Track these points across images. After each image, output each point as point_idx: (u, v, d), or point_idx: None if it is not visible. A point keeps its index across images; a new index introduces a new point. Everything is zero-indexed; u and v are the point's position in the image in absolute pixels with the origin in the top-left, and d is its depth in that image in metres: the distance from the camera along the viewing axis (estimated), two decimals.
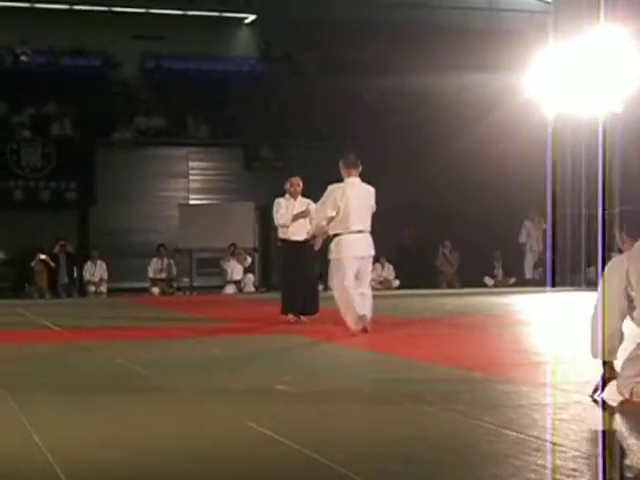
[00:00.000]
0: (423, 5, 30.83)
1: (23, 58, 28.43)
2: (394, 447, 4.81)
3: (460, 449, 4.80)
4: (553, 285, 23.00)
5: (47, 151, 24.83)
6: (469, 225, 25.14)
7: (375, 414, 5.85)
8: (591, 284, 22.63)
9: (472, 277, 24.40)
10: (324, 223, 11.22)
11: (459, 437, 5.07)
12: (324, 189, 22.59)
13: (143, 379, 7.59)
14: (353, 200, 11.42)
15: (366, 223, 11.41)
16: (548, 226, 24.29)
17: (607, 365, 6.06)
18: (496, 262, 25.37)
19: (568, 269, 23.94)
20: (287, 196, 13.19)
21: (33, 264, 22.70)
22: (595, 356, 6.06)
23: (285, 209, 12.85)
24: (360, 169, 11.65)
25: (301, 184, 13.28)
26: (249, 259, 23.68)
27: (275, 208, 12.93)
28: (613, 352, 6.01)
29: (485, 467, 4.44)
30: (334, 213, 11.17)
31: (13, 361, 9.21)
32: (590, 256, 22.87)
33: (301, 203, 13.02)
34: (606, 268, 6.01)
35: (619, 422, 5.67)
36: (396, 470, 4.30)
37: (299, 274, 12.60)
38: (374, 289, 23.82)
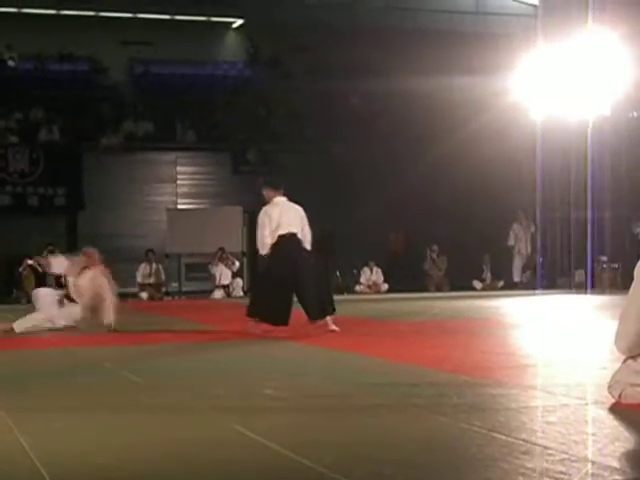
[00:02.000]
0: (410, 9, 30.89)
1: (10, 63, 28.39)
2: (383, 451, 4.80)
3: (449, 453, 4.79)
4: (542, 288, 23.07)
5: (35, 156, 24.79)
6: (457, 228, 25.19)
7: (364, 418, 5.84)
8: (579, 287, 22.73)
9: (461, 280, 24.44)
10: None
11: (448, 441, 5.07)
12: (312, 193, 22.61)
13: (131, 384, 7.58)
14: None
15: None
16: (537, 229, 24.36)
17: None
18: (485, 265, 25.41)
19: (557, 272, 24.00)
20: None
21: (21, 269, 22.64)
22: (622, 352, 6.05)
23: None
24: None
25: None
26: (237, 263, 23.69)
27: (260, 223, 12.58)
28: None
29: (474, 471, 4.43)
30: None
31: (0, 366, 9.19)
32: (579, 259, 22.94)
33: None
34: (636, 268, 5.99)
35: (607, 424, 5.67)
36: (386, 474, 4.29)
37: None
38: (363, 293, 24.07)
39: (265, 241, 12.11)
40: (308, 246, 12.35)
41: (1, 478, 4.47)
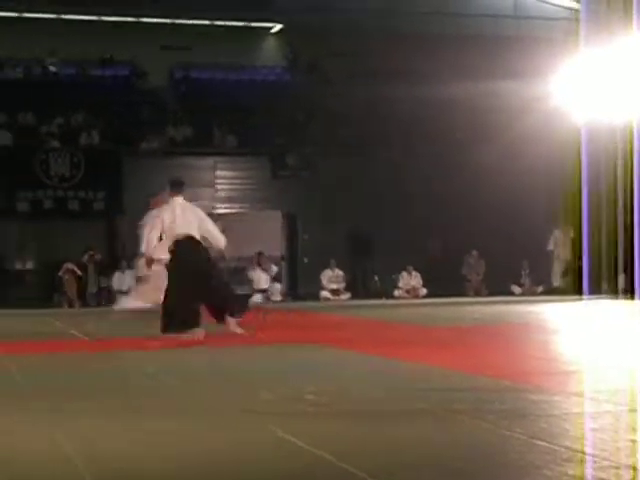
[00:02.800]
0: (450, 13, 30.80)
1: (52, 69, 28.62)
2: (423, 457, 4.78)
3: (491, 459, 4.76)
4: (586, 293, 22.88)
5: (76, 161, 24.95)
6: (496, 233, 25.07)
7: (404, 423, 5.82)
8: (625, 292, 22.52)
9: (499, 285, 24.32)
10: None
11: (489, 447, 5.03)
12: (351, 197, 22.65)
13: (171, 388, 7.60)
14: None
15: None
16: (581, 233, 24.12)
17: None
18: (523, 270, 25.28)
19: (600, 277, 23.80)
20: None
21: (61, 273, 22.81)
22: None
23: None
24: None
25: None
26: (274, 268, 23.72)
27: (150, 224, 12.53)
28: None
29: (516, 478, 4.41)
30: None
31: (42, 369, 9.25)
32: (625, 264, 22.72)
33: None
34: None
35: None
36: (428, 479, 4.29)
37: None
38: (401, 298, 24.02)
39: (150, 242, 12.09)
40: (220, 245, 12.28)
41: None
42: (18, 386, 7.70)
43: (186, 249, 11.99)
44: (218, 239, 12.28)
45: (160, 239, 12.03)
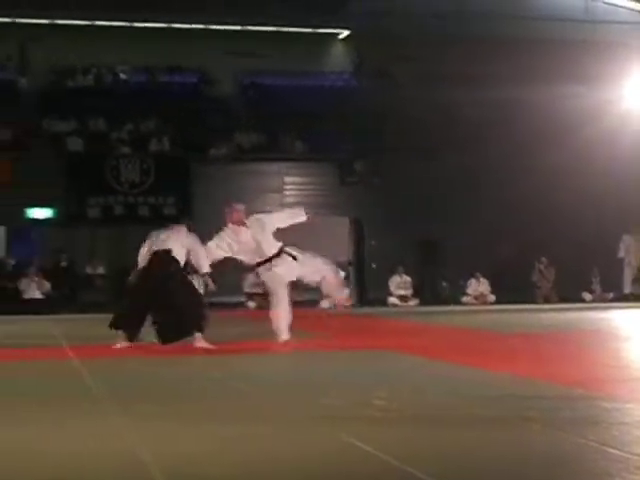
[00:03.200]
0: (521, 17, 30.59)
1: (122, 76, 28.96)
2: (495, 464, 4.74)
3: (562, 467, 4.70)
4: None
5: (145, 167, 25.20)
6: (566, 239, 24.84)
7: (474, 430, 5.78)
8: None
9: (570, 292, 24.07)
10: None
11: (561, 455, 4.98)
12: (420, 203, 22.64)
13: (240, 393, 7.63)
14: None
15: None
16: None
17: None
18: (594, 277, 25.00)
19: None
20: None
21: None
22: None
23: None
24: None
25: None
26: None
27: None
28: None
29: None
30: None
31: (113, 373, 9.34)
32: None
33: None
34: None
35: None
36: None
37: None
38: (469, 304, 23.89)
39: (139, 259, 12.40)
40: (202, 262, 12.14)
41: None
42: (90, 390, 7.79)
43: (155, 262, 12.14)
44: (201, 257, 12.20)
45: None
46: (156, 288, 11.85)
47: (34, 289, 22.49)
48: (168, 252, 12.15)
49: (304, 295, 24.84)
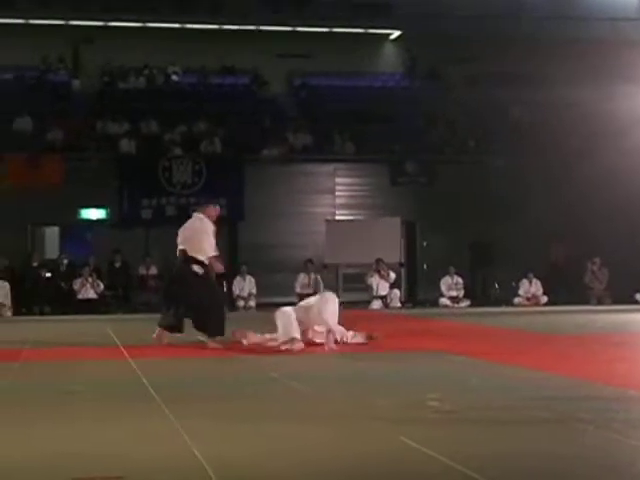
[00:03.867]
0: (572, 17, 30.40)
1: (174, 77, 29.17)
2: (553, 465, 4.75)
3: (616, 469, 4.70)
4: None
5: (197, 168, 25.32)
6: (619, 240, 24.62)
7: (530, 432, 5.79)
8: None
9: (623, 294, 23.85)
10: None
11: (615, 457, 4.97)
12: (471, 204, 22.52)
13: (295, 392, 7.68)
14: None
15: None
16: None
17: None
18: None
19: None
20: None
21: None
22: None
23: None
24: None
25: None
26: (392, 275, 23.66)
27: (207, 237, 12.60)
28: None
29: None
30: None
31: (167, 373, 9.44)
32: None
33: None
34: None
35: None
36: None
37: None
38: (522, 305, 23.76)
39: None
40: (201, 256, 12.37)
41: None
42: (146, 389, 7.87)
43: (175, 263, 12.85)
44: (203, 250, 12.48)
45: None
46: (178, 286, 12.58)
47: (88, 289, 22.69)
48: (182, 251, 12.68)
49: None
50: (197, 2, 29.96)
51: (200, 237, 12.54)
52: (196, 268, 12.37)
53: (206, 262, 12.40)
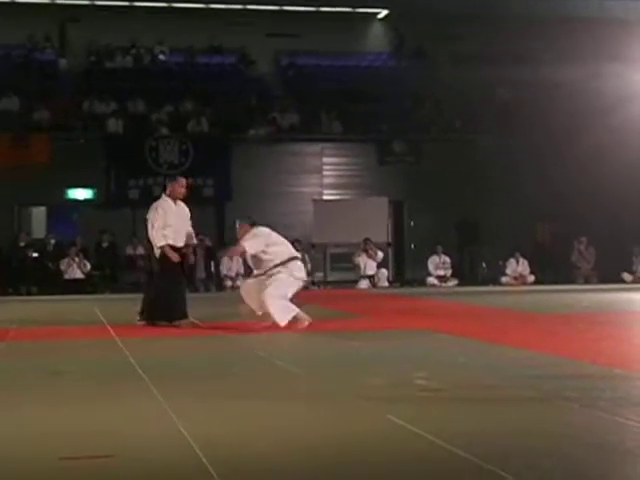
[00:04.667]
0: None
1: (161, 57, 29.06)
2: (540, 443, 4.77)
3: (606, 447, 4.73)
4: None
5: (184, 148, 25.29)
6: (605, 219, 24.69)
7: (515, 410, 5.82)
8: None
9: (610, 273, 23.93)
10: None
11: (604, 435, 4.99)
12: (458, 183, 22.50)
13: (284, 372, 7.69)
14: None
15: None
16: None
17: None
18: (635, 257, 24.81)
19: None
20: (165, 198, 12.69)
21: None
22: None
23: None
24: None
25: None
26: (380, 254, 23.69)
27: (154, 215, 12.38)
28: None
29: (631, 465, 4.38)
30: None
31: (155, 352, 9.44)
32: None
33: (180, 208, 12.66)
34: None
35: None
36: (544, 467, 4.27)
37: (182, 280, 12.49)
38: (509, 284, 23.81)
39: None
40: (156, 249, 12.28)
41: (160, 461, 4.61)
42: (134, 369, 7.88)
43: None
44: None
45: None
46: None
47: (75, 269, 22.68)
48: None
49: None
50: None
51: (150, 229, 12.39)
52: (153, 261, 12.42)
53: (157, 254, 12.24)
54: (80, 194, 25.26)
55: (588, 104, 25.14)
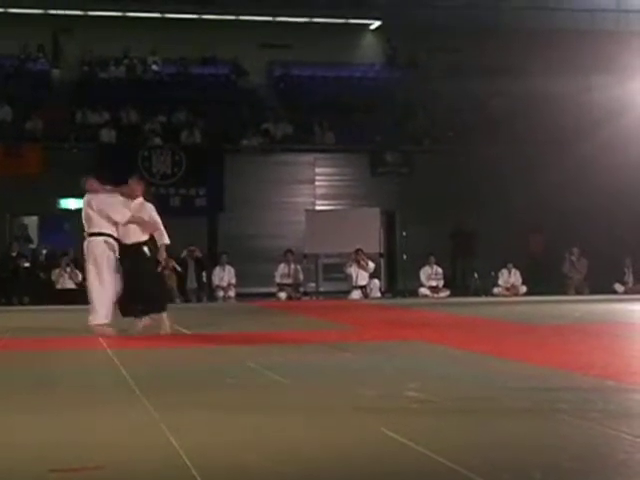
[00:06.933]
0: (551, 8, 30.48)
1: (154, 67, 29.08)
2: (529, 456, 4.75)
3: (597, 459, 4.71)
4: None
5: (177, 158, 25.29)
6: (597, 230, 24.72)
7: (508, 422, 5.80)
8: None
9: (601, 284, 23.95)
10: None
11: (596, 447, 4.98)
12: (450, 194, 22.53)
13: (275, 383, 7.67)
14: None
15: None
16: None
17: None
18: (626, 268, 24.84)
19: None
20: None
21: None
22: None
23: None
24: None
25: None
26: (371, 265, 23.70)
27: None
28: None
29: (623, 478, 4.36)
30: None
31: (146, 363, 9.41)
32: None
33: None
34: None
35: None
36: (536, 479, 4.26)
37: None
38: (501, 295, 23.81)
39: None
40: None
41: (150, 472, 4.59)
42: (125, 379, 7.85)
43: None
44: None
45: None
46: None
47: (66, 279, 22.63)
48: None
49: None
50: None
51: (158, 226, 12.80)
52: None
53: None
54: (72, 204, 25.18)
55: (579, 116, 25.22)
